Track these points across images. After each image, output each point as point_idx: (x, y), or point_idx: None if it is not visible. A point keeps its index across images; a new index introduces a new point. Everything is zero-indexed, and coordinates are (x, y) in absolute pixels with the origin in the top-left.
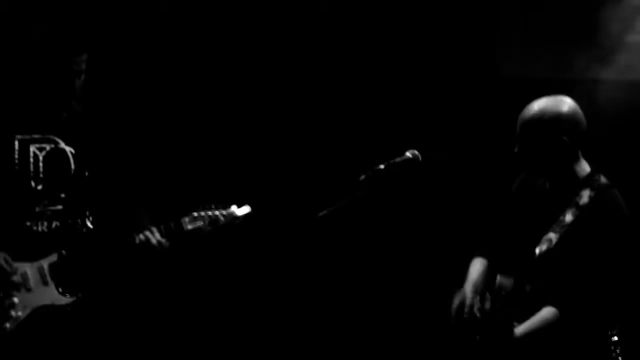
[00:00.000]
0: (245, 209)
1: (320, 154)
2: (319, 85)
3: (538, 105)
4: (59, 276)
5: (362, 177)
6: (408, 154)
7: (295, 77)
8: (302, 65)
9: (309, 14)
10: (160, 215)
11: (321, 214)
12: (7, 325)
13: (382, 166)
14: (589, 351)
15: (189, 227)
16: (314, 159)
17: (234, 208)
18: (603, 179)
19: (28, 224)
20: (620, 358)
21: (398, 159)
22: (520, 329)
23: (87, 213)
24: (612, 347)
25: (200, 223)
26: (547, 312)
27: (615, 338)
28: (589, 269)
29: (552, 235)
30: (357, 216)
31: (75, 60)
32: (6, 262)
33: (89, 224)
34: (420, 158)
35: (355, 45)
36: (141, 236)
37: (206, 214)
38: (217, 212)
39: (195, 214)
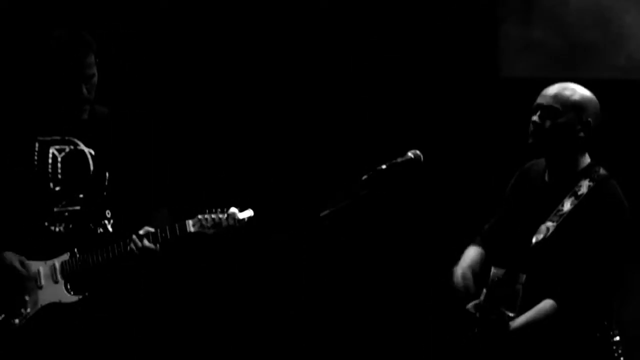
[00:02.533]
0: (247, 213)
1: (321, 155)
2: (320, 85)
3: (568, 84)
4: (69, 275)
5: (364, 177)
6: (410, 154)
7: (296, 78)
8: (304, 66)
9: (311, 15)
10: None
11: (323, 214)
12: (17, 321)
13: (384, 166)
14: (591, 351)
15: (193, 229)
16: (316, 159)
17: (236, 211)
18: (602, 171)
19: (46, 224)
20: (622, 358)
21: (400, 159)
22: (516, 323)
23: (108, 215)
24: (614, 347)
25: (204, 226)
26: (544, 305)
27: (617, 338)
28: (586, 259)
29: (550, 225)
30: (359, 216)
31: (81, 64)
32: (22, 264)
33: (109, 227)
34: (422, 158)
35: (356, 45)
36: (131, 244)
37: (210, 217)
38: (220, 216)
39: (200, 216)
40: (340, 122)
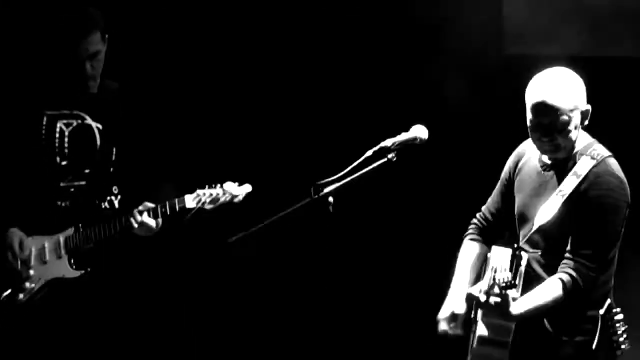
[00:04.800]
0: (245, 188)
1: (327, 133)
2: (321, 62)
3: (553, 84)
4: (72, 250)
5: (369, 153)
6: (414, 129)
7: (299, 56)
8: (308, 44)
9: None
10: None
11: (328, 190)
12: (21, 296)
13: (388, 142)
14: (594, 328)
15: (192, 204)
16: (321, 137)
17: (233, 186)
18: (602, 149)
19: (53, 199)
20: (625, 336)
21: (405, 135)
22: (520, 304)
23: (116, 191)
24: (617, 325)
25: (202, 201)
26: (548, 284)
27: (621, 316)
28: (590, 237)
29: (552, 205)
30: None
31: (86, 41)
32: (20, 245)
33: (115, 203)
34: (426, 134)
35: (359, 21)
36: (131, 219)
37: (208, 192)
38: (218, 191)
39: (199, 192)
40: (346, 99)
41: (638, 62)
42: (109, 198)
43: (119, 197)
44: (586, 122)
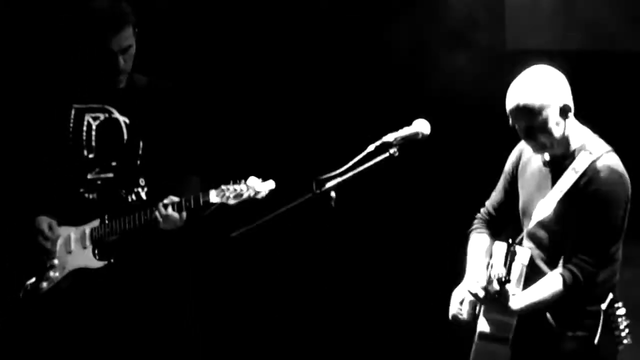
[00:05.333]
0: (269, 184)
1: (328, 126)
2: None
3: (524, 83)
4: (97, 241)
5: (371, 147)
6: (416, 123)
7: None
8: (308, 39)
9: None
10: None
11: (329, 185)
12: (44, 284)
13: (390, 136)
14: (596, 322)
15: (216, 199)
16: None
17: (257, 182)
18: (602, 143)
19: (81, 190)
20: (627, 330)
21: (406, 129)
22: (519, 300)
23: (142, 184)
24: (619, 319)
25: (226, 196)
26: (548, 279)
27: (623, 310)
28: (589, 232)
29: (550, 200)
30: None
31: (118, 35)
32: (50, 228)
33: (142, 195)
34: (428, 128)
35: (363, 14)
36: (156, 212)
37: (232, 187)
38: (242, 186)
39: (223, 187)
40: (348, 93)
41: (637, 57)
42: (135, 190)
43: (146, 189)
44: (570, 116)
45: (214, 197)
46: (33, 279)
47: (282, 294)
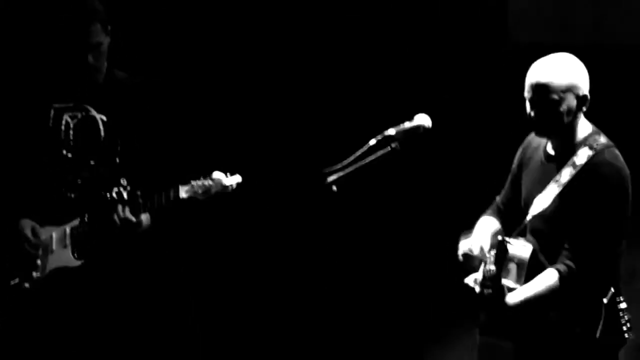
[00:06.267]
0: (235, 178)
1: (329, 120)
2: (325, 50)
3: (552, 63)
4: (76, 240)
5: (372, 141)
6: (418, 118)
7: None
8: (308, 32)
9: None
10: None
11: (330, 179)
12: (27, 285)
13: (391, 131)
14: (597, 317)
15: (185, 195)
16: (323, 125)
17: (222, 177)
18: (603, 139)
19: (62, 190)
20: (629, 324)
21: (408, 124)
22: (516, 296)
23: (124, 183)
24: (621, 314)
25: (195, 192)
26: (546, 275)
27: (624, 305)
28: (587, 226)
29: (548, 194)
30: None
31: (85, 32)
32: (34, 233)
33: (124, 194)
34: (430, 122)
35: (365, 7)
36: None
37: (202, 183)
38: (209, 182)
39: (193, 182)
40: (348, 87)
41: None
42: (116, 189)
43: (128, 188)
44: (584, 109)
45: (183, 193)
46: (16, 279)
47: (281, 291)
